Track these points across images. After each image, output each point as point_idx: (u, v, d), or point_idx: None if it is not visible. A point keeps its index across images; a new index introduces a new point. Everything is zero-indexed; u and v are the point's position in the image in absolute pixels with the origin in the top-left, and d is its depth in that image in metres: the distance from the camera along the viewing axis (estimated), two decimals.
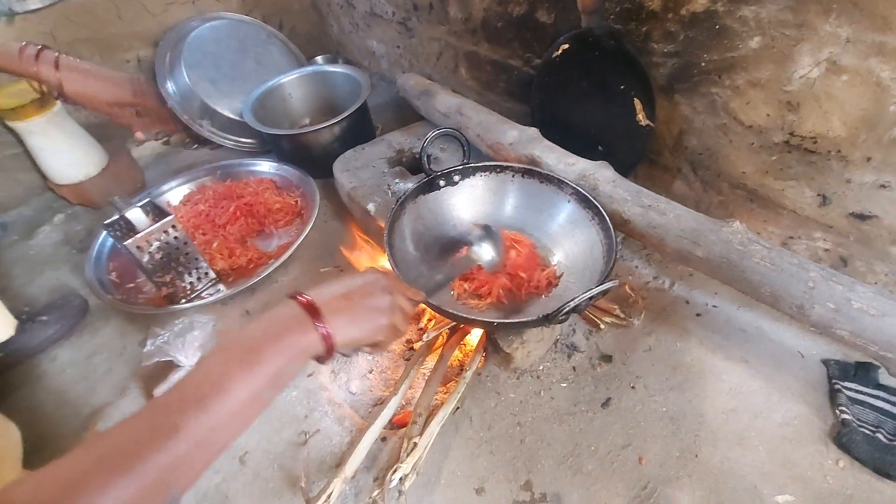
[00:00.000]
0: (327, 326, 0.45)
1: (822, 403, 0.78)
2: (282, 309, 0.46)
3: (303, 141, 1.27)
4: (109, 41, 1.35)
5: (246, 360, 0.41)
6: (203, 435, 0.37)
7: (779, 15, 0.73)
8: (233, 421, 0.39)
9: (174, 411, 0.37)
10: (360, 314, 0.48)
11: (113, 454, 0.34)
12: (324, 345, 0.45)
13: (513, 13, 1.10)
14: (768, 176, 0.87)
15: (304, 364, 0.45)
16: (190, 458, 0.36)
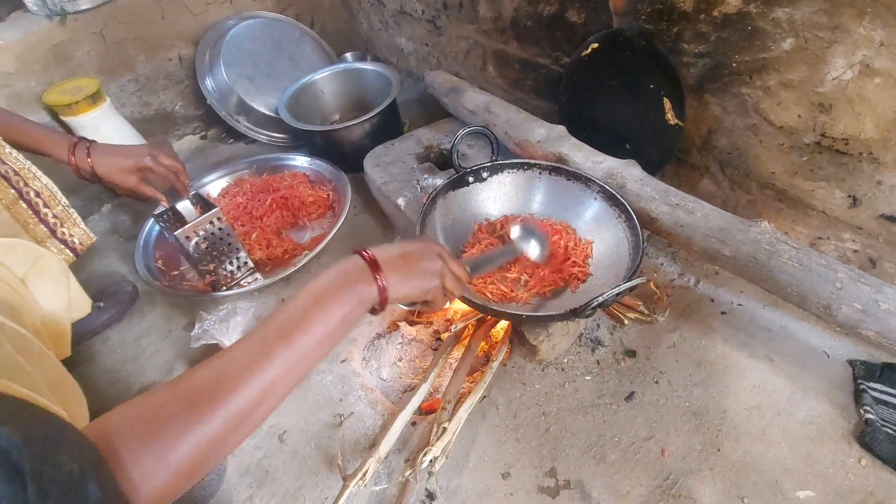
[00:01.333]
0: (384, 280, 0.50)
1: (847, 403, 0.79)
2: (349, 261, 0.52)
3: (335, 137, 1.31)
4: (154, 40, 1.41)
5: (321, 303, 0.47)
6: (289, 363, 0.43)
7: (812, 17, 0.74)
8: (311, 353, 0.46)
9: (269, 344, 0.43)
10: (413, 273, 0.54)
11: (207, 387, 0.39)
12: (380, 296, 0.51)
13: (543, 12, 1.12)
14: (798, 176, 0.87)
15: (365, 310, 0.52)
16: (277, 384, 0.43)
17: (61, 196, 0.86)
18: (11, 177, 0.78)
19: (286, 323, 0.45)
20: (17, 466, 0.25)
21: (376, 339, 0.99)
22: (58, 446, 0.28)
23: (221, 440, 0.38)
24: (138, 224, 1.25)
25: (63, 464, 0.27)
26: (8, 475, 0.24)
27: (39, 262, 0.69)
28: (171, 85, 1.50)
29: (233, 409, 0.39)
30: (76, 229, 0.88)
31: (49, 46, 1.26)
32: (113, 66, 1.38)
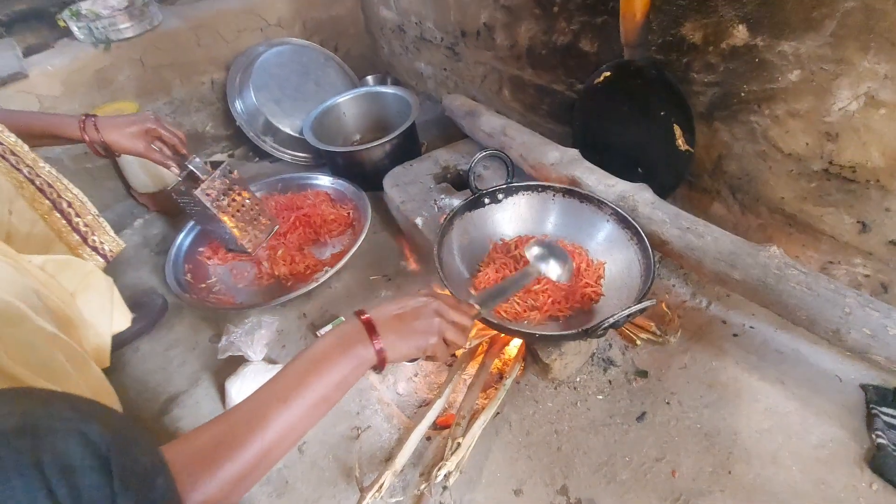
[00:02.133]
0: (381, 342, 0.53)
1: (859, 427, 0.79)
2: (347, 325, 0.55)
3: (356, 157, 1.37)
4: (189, 66, 1.50)
5: (320, 366, 0.50)
6: (286, 425, 0.46)
7: (818, 51, 0.77)
8: (308, 415, 0.49)
9: (264, 406, 0.47)
10: (410, 333, 0.56)
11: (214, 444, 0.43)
12: (377, 357, 0.53)
13: (557, 42, 1.17)
14: (807, 202, 0.89)
15: (364, 371, 0.54)
16: (278, 443, 0.46)
17: (91, 206, 0.90)
18: (46, 188, 0.83)
19: (284, 387, 0.48)
20: (105, 459, 0.29)
21: None
22: (135, 443, 0.33)
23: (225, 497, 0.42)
24: (169, 238, 1.32)
25: (139, 458, 0.32)
26: (99, 466, 0.28)
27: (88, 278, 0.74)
28: (203, 107, 1.59)
29: (231, 472, 0.42)
30: (106, 237, 0.92)
31: (93, 71, 1.35)
32: (150, 89, 1.46)
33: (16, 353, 0.53)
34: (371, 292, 1.15)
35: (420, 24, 1.58)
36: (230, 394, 0.91)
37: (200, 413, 0.95)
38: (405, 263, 1.21)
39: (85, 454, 0.28)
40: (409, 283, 1.16)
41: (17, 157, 0.78)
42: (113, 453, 0.29)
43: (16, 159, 0.78)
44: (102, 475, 0.28)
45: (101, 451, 0.29)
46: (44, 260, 0.68)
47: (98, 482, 0.28)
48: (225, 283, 1.17)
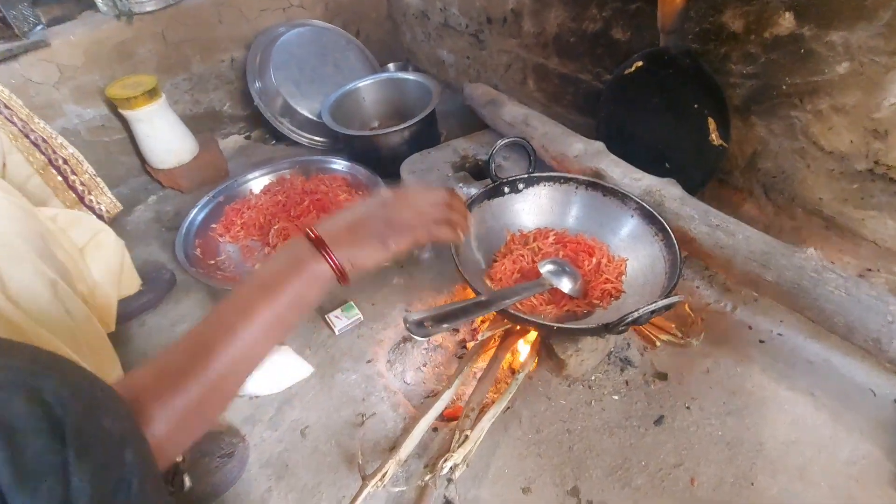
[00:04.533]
0: (335, 255, 0.49)
1: (894, 446, 0.74)
2: (294, 244, 0.50)
3: (374, 142, 1.34)
4: (209, 42, 1.49)
5: (269, 291, 0.46)
6: (237, 354, 0.43)
7: (869, 41, 0.72)
8: (261, 341, 0.45)
9: (210, 336, 0.43)
10: (364, 239, 0.52)
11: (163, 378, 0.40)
12: (335, 271, 0.49)
13: (587, 29, 1.13)
14: (848, 204, 0.84)
15: (323, 288, 0.50)
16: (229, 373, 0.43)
17: (87, 165, 0.88)
18: (40, 143, 0.81)
19: (231, 313, 0.44)
20: (59, 422, 0.24)
21: (402, 343, 0.99)
22: (102, 408, 0.28)
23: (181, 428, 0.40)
24: (182, 215, 1.30)
25: (105, 426, 0.27)
26: (48, 429, 0.24)
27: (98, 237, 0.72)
28: (222, 85, 1.57)
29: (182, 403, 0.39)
30: (103, 197, 0.90)
31: (114, 44, 1.34)
32: (170, 64, 1.45)
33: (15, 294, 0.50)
34: (382, 279, 1.12)
35: (444, 9, 1.55)
36: None
37: None
38: (418, 252, 1.18)
39: (32, 414, 0.24)
40: (421, 272, 1.13)
41: (11, 111, 0.77)
42: (70, 416, 0.25)
43: (9, 112, 0.76)
44: (53, 440, 0.24)
45: (55, 412, 0.24)
46: (55, 212, 0.66)
47: (46, 447, 0.23)
48: (234, 260, 1.15)
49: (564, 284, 0.85)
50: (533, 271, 0.90)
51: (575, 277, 0.87)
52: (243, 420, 0.88)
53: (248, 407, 0.89)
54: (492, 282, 0.92)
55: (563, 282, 0.85)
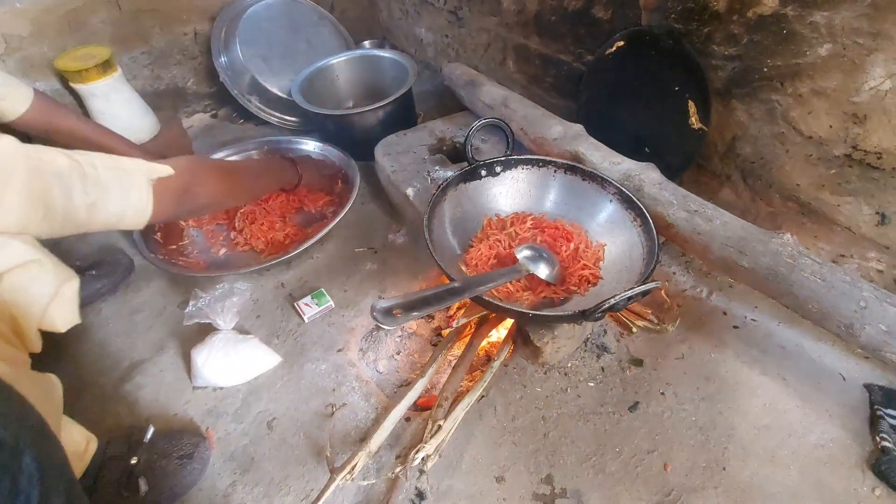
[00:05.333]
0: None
1: (862, 429, 0.75)
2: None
3: (347, 122, 1.29)
4: (170, 13, 1.40)
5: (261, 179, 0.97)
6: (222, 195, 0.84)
7: (853, 22, 0.70)
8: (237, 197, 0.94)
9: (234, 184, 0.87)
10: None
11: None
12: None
13: (569, 7, 1.09)
14: (824, 190, 0.84)
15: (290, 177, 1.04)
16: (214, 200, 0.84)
17: None
18: None
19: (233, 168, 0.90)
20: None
21: (375, 331, 0.96)
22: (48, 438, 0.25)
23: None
24: None
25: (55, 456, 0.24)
26: None
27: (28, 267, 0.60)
28: (185, 60, 1.48)
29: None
30: None
31: (64, 12, 1.24)
32: (127, 35, 1.36)
33: None
34: (355, 264, 1.08)
35: None
36: (196, 363, 0.84)
37: (164, 381, 0.89)
38: (393, 236, 1.14)
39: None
40: (396, 257, 1.10)
41: None
42: None
43: None
44: None
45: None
46: None
47: None
48: (198, 245, 1.10)
49: (541, 270, 0.83)
50: (510, 257, 0.88)
51: (552, 263, 0.85)
52: (206, 412, 0.84)
53: (211, 399, 0.85)
54: (467, 268, 0.89)
55: (540, 268, 0.83)
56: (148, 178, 0.66)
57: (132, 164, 0.67)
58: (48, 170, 0.56)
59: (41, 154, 0.57)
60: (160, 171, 0.68)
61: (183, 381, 0.88)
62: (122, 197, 0.63)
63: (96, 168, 0.61)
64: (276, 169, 0.96)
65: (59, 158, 0.58)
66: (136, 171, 0.66)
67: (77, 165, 0.59)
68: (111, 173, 0.62)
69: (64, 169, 0.58)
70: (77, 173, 0.59)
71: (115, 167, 0.64)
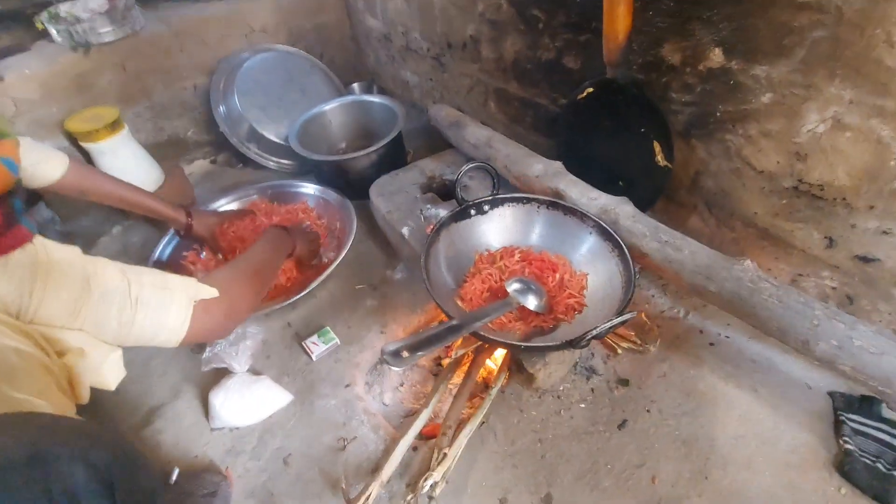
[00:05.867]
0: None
1: (827, 433, 0.83)
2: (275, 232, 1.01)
3: (342, 166, 1.37)
4: (171, 71, 1.48)
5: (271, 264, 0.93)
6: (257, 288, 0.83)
7: (788, 76, 0.81)
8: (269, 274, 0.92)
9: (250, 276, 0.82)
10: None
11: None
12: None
13: (541, 58, 1.20)
14: (779, 217, 0.94)
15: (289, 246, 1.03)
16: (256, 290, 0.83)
17: None
18: None
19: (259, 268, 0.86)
20: (109, 483, 0.30)
21: (379, 365, 1.02)
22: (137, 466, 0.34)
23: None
24: (149, 246, 1.29)
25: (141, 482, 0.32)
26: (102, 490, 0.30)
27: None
28: (185, 112, 1.57)
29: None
30: None
31: (72, 76, 1.32)
32: (131, 93, 1.44)
33: None
34: (356, 301, 1.15)
35: (406, 34, 1.60)
36: (214, 406, 0.90)
37: (182, 425, 0.94)
38: (391, 273, 1.21)
39: (90, 480, 0.29)
40: (395, 292, 1.17)
41: None
42: (116, 477, 0.30)
43: None
44: (106, 499, 0.29)
45: (105, 475, 0.30)
46: None
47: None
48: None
49: (531, 302, 0.91)
50: (501, 289, 0.96)
51: (540, 294, 0.93)
52: (226, 452, 0.89)
53: (229, 439, 0.91)
54: (462, 302, 0.97)
55: (529, 299, 0.91)
56: (191, 299, 0.66)
57: (180, 283, 0.67)
58: (98, 283, 0.59)
59: (97, 268, 0.60)
60: (205, 293, 0.68)
61: (201, 424, 0.93)
62: (160, 317, 0.64)
63: (143, 287, 0.62)
64: (280, 243, 0.99)
65: (112, 274, 0.61)
66: (182, 291, 0.66)
67: (125, 285, 0.61)
68: (157, 294, 0.63)
69: (111, 287, 0.60)
70: (121, 293, 0.61)
71: (162, 287, 0.65)
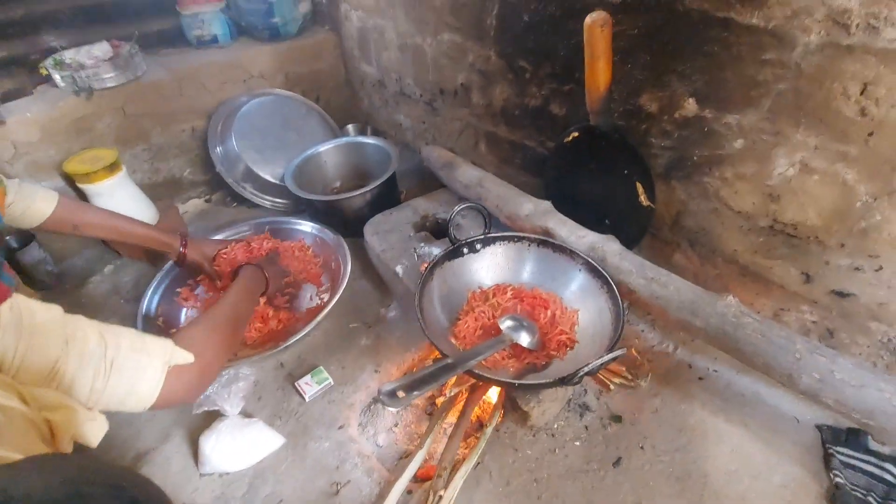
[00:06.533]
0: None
1: (818, 467, 0.84)
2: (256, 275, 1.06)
3: (337, 205, 1.40)
4: (170, 114, 1.53)
5: (244, 302, 0.97)
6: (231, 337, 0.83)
7: (758, 124, 0.87)
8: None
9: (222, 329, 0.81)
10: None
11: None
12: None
13: (529, 104, 1.27)
14: (757, 255, 0.98)
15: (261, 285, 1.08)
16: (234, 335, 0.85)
17: None
18: None
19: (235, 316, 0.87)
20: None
21: (373, 405, 1.02)
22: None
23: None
24: (141, 285, 1.29)
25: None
26: None
27: None
28: (182, 153, 1.60)
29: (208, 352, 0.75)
30: None
31: (72, 119, 1.35)
32: (129, 136, 1.47)
33: None
34: (350, 340, 1.16)
35: (400, 80, 1.67)
36: (204, 451, 0.88)
37: (170, 470, 0.91)
38: (385, 311, 1.22)
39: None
40: (389, 331, 1.17)
41: None
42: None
43: None
44: None
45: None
46: None
47: None
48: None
49: (523, 339, 0.92)
50: (494, 327, 0.97)
51: (533, 331, 0.95)
52: (214, 499, 0.87)
53: (218, 485, 0.89)
54: (456, 340, 0.98)
55: (521, 336, 0.93)
56: (166, 364, 0.65)
57: (158, 347, 0.66)
58: (76, 346, 0.59)
59: (77, 329, 0.60)
60: (180, 358, 0.67)
61: (189, 469, 0.91)
62: (133, 383, 0.62)
63: (119, 350, 0.61)
64: (255, 283, 1.02)
65: (90, 336, 0.60)
66: (159, 356, 0.65)
67: (101, 349, 0.60)
68: (133, 358, 0.62)
69: (88, 350, 0.59)
70: (98, 357, 0.60)
71: (140, 350, 0.63)
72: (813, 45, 0.76)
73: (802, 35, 0.77)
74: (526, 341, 0.92)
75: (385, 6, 1.55)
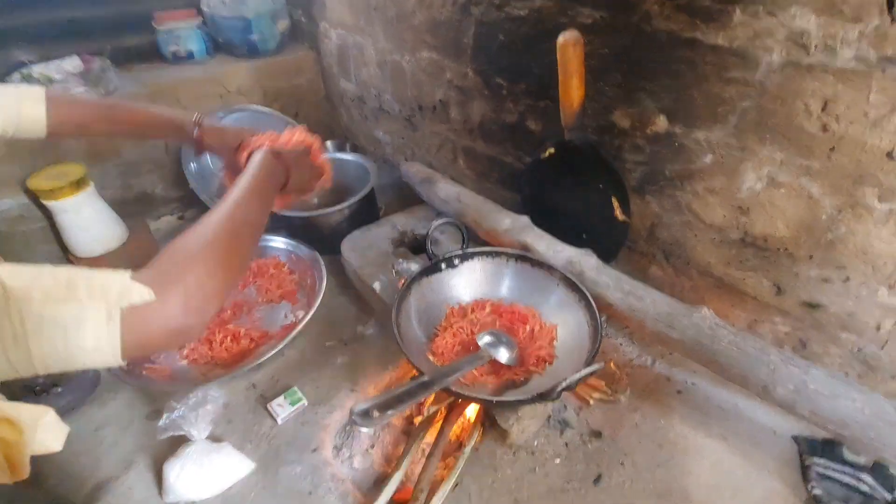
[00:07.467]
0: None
1: (797, 479, 0.84)
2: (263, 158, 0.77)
3: (314, 222, 1.38)
4: None
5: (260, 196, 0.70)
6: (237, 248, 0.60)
7: (725, 139, 0.89)
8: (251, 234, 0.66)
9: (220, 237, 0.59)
10: None
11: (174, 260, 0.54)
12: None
13: (505, 120, 1.28)
14: (730, 266, 0.99)
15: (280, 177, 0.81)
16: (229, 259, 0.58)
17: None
18: None
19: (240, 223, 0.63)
20: None
21: (349, 426, 0.99)
22: None
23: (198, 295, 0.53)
24: None
25: None
26: None
27: None
28: (155, 169, 1.56)
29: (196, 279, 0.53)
30: None
31: None
32: (100, 151, 1.43)
33: None
34: (326, 358, 1.12)
35: (379, 96, 1.68)
36: (168, 479, 0.84)
37: (132, 499, 0.86)
38: (362, 328, 1.20)
39: None
40: (366, 349, 1.15)
41: None
42: None
43: None
44: None
45: None
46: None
47: None
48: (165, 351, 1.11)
49: (502, 355, 0.91)
50: (473, 343, 0.96)
51: (511, 347, 0.93)
52: None
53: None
54: (434, 356, 0.96)
55: (500, 352, 0.91)
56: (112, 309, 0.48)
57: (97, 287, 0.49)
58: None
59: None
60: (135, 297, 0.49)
61: (153, 498, 0.86)
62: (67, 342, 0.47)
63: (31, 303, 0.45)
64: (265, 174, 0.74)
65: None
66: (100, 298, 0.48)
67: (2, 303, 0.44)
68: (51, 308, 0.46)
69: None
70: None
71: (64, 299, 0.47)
72: (775, 64, 0.79)
73: (765, 55, 0.79)
74: (505, 357, 0.91)
75: (364, 24, 1.57)
